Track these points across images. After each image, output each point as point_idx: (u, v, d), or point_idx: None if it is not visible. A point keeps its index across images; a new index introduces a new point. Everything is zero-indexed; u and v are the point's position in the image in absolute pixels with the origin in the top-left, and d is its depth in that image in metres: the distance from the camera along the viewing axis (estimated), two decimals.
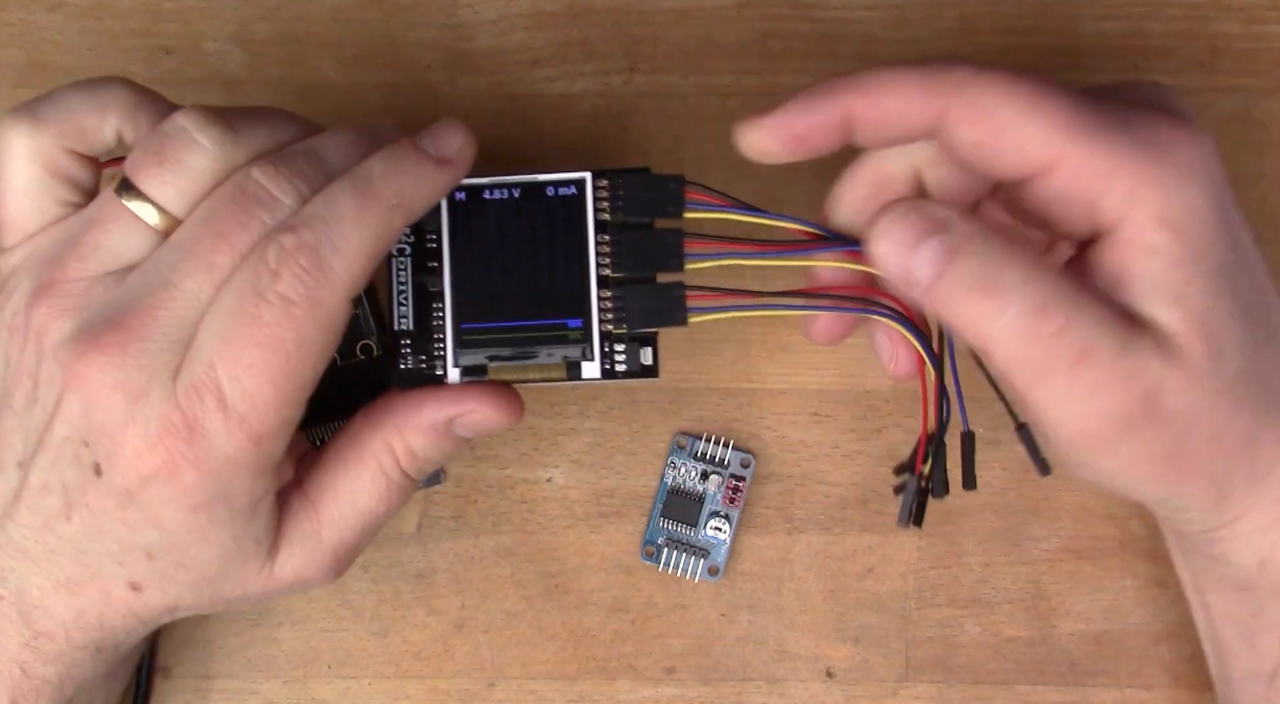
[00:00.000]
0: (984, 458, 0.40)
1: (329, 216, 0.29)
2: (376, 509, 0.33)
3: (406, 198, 0.30)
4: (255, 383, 0.29)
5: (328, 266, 0.29)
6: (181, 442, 0.29)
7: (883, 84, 0.30)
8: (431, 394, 0.33)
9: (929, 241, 0.29)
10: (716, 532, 0.40)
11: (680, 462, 0.40)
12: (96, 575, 0.31)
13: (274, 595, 0.33)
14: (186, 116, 0.30)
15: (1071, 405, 0.29)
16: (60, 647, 0.32)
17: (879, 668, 0.40)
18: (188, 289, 0.29)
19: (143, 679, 0.39)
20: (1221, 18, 0.40)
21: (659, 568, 0.40)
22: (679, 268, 0.32)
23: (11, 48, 0.41)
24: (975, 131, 0.29)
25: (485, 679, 0.40)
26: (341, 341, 0.37)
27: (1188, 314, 0.29)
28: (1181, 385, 0.29)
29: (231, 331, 0.29)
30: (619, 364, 0.33)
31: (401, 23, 0.41)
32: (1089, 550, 0.40)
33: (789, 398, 0.40)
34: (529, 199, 0.33)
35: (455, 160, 0.31)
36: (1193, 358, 0.29)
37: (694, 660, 0.40)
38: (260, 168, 0.30)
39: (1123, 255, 0.29)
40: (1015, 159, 0.30)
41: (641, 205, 0.32)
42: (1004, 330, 0.29)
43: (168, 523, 0.30)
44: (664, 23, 0.41)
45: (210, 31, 0.41)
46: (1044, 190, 0.30)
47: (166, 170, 0.30)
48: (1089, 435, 0.30)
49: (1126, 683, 0.40)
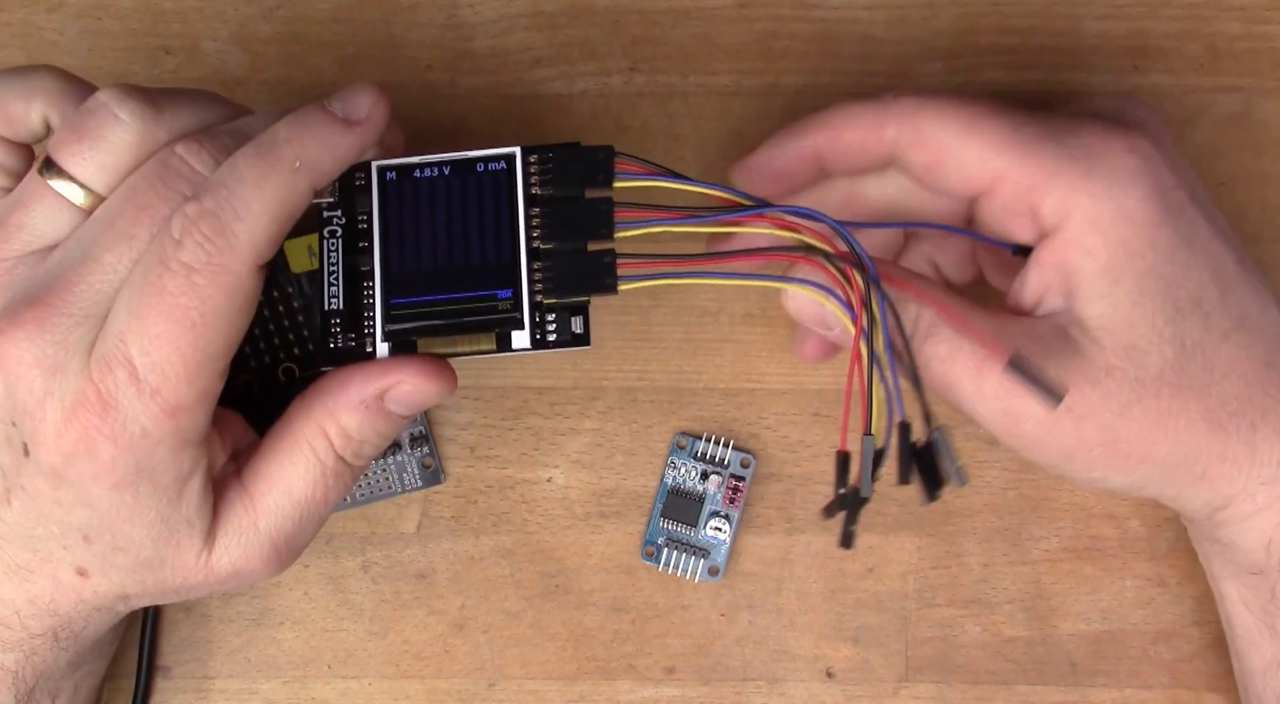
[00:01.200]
0: (984, 458, 0.40)
1: (230, 182, 0.29)
2: (313, 496, 0.32)
3: (311, 159, 0.30)
4: (163, 354, 0.28)
5: (230, 232, 0.28)
6: (95, 415, 0.29)
7: (842, 119, 0.34)
8: (359, 370, 0.32)
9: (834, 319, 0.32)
10: (717, 532, 0.40)
11: (680, 461, 0.40)
12: (45, 561, 0.31)
13: (219, 587, 0.33)
14: (108, 93, 0.30)
15: (986, 411, 0.32)
16: (17, 635, 0.32)
17: (879, 668, 0.40)
18: (106, 263, 0.29)
19: (142, 679, 0.39)
20: (1221, 18, 0.40)
21: (659, 568, 0.40)
22: (609, 236, 0.32)
23: (11, 48, 0.41)
24: (922, 155, 0.33)
25: (485, 679, 0.40)
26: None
27: (1108, 312, 0.31)
28: (1091, 378, 0.31)
29: (138, 303, 0.28)
30: (549, 333, 0.32)
31: (401, 23, 0.41)
32: (1089, 550, 0.40)
33: (789, 398, 0.40)
34: (459, 175, 0.32)
35: (365, 120, 0.31)
36: (1106, 353, 0.31)
37: (694, 660, 0.40)
38: (184, 143, 0.30)
39: (1061, 258, 0.32)
40: (960, 177, 0.33)
41: (571, 177, 0.32)
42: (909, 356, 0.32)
43: (96, 502, 0.30)
44: (664, 23, 0.41)
45: (210, 31, 0.41)
46: (993, 204, 0.33)
47: (87, 146, 0.30)
48: (1014, 434, 0.32)
49: (1126, 683, 0.40)
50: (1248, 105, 0.40)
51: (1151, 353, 0.31)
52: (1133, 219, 0.31)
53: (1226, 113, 0.40)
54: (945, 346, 0.31)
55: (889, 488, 0.40)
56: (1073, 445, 0.32)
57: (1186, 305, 0.32)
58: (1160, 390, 0.31)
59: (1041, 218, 0.32)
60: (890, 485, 0.40)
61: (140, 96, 0.30)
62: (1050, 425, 0.31)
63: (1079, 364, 0.31)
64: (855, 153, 0.34)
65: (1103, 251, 0.31)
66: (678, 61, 0.41)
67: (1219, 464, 0.32)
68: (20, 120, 0.31)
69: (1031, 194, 0.32)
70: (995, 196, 0.33)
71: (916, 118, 0.33)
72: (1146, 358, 0.31)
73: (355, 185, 0.33)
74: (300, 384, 0.37)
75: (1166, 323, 0.31)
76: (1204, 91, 0.40)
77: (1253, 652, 0.36)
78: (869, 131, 0.33)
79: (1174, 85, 0.41)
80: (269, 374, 0.37)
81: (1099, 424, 0.31)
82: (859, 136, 0.33)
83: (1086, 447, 0.32)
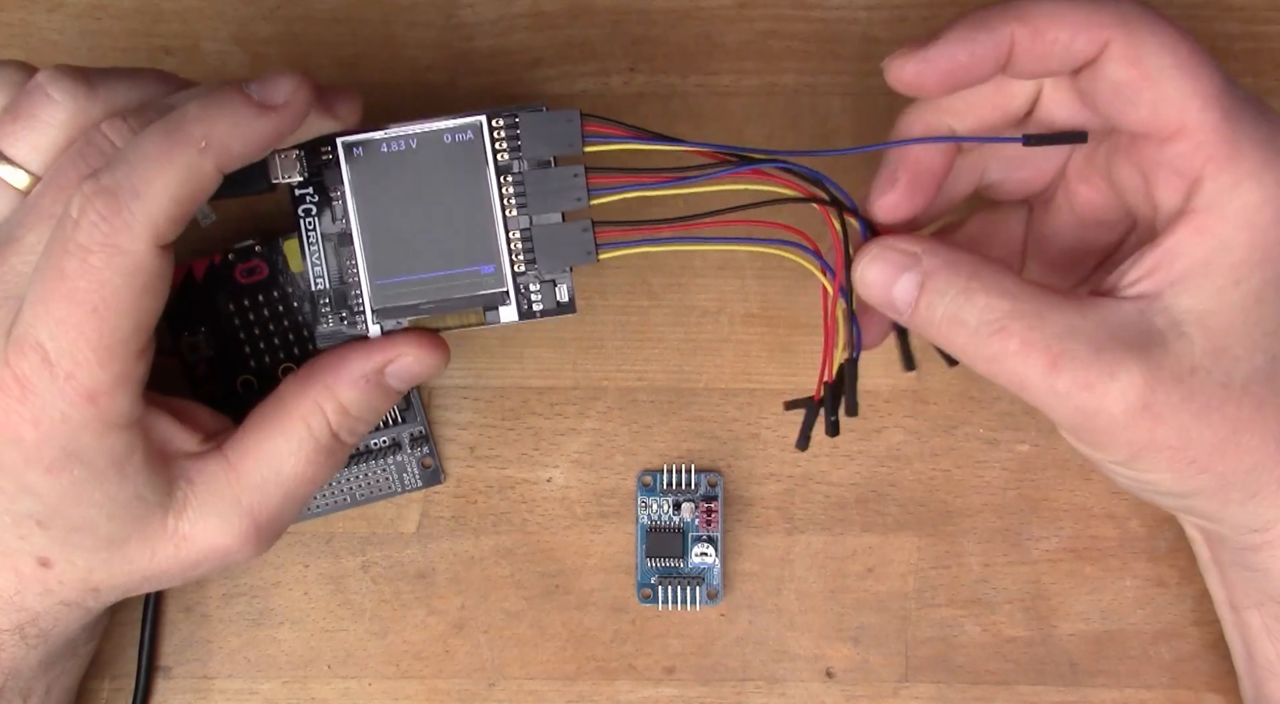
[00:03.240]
0: (984, 458, 0.40)
1: (132, 159, 0.28)
2: (303, 474, 0.32)
3: (218, 139, 0.28)
4: (70, 339, 0.28)
5: (127, 210, 0.28)
6: (14, 400, 0.28)
7: (1048, 13, 0.30)
8: (357, 346, 0.32)
9: (901, 279, 0.31)
10: (704, 557, 0.40)
11: (650, 499, 0.40)
12: (3, 553, 0.31)
13: (194, 569, 0.32)
14: (44, 74, 0.30)
15: (1059, 407, 0.30)
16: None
17: (879, 668, 0.40)
18: (28, 243, 0.29)
19: (142, 679, 0.39)
20: (1221, 18, 0.40)
21: (659, 607, 0.40)
22: (584, 204, 0.32)
23: (11, 48, 0.41)
24: (1126, 72, 0.29)
25: (485, 679, 0.40)
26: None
27: (1215, 310, 0.29)
28: (1176, 374, 0.29)
29: (41, 286, 0.28)
30: (535, 304, 0.33)
31: (401, 23, 0.41)
32: (1089, 550, 0.40)
33: (789, 398, 0.40)
34: (427, 148, 0.32)
35: (283, 106, 0.29)
36: (1195, 351, 0.29)
37: (694, 660, 0.40)
38: (109, 121, 0.29)
39: (1195, 242, 0.29)
40: (1149, 111, 0.29)
41: (540, 143, 0.32)
42: (968, 351, 0.30)
43: (35, 487, 0.29)
44: (664, 23, 0.41)
45: (210, 31, 0.41)
46: (1158, 154, 0.30)
47: (20, 126, 0.30)
48: (1087, 431, 0.30)
49: (1126, 683, 0.40)
50: None
51: (1243, 360, 0.30)
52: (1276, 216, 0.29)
53: None
54: (1016, 342, 0.29)
55: (889, 489, 0.40)
56: (1144, 445, 0.30)
57: None
58: (1243, 400, 0.30)
59: (1200, 191, 0.29)
60: (890, 486, 0.40)
61: (74, 75, 0.30)
62: (1126, 423, 0.29)
63: (1163, 358, 0.29)
64: (1055, 53, 0.30)
65: (1241, 249, 0.29)
66: (678, 61, 0.41)
67: (1273, 487, 0.31)
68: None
69: (1209, 163, 0.29)
70: (1168, 146, 0.30)
71: (1138, 28, 0.29)
72: (1236, 365, 0.29)
73: (323, 161, 0.32)
74: None
75: (1265, 335, 0.30)
76: None
77: (1272, 682, 0.35)
78: (1081, 31, 0.29)
79: None
80: (269, 374, 0.37)
81: (1175, 426, 0.29)
82: (1067, 35, 0.29)
83: (1156, 448, 0.30)
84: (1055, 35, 0.30)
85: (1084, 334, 0.29)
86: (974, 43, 0.30)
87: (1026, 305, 0.30)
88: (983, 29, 0.30)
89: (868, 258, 0.31)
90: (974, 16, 0.30)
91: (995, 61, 0.30)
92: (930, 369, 0.40)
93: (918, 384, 0.40)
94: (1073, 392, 0.29)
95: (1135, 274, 0.30)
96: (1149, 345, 0.29)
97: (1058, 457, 0.40)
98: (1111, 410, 0.29)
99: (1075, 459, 0.40)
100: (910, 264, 0.31)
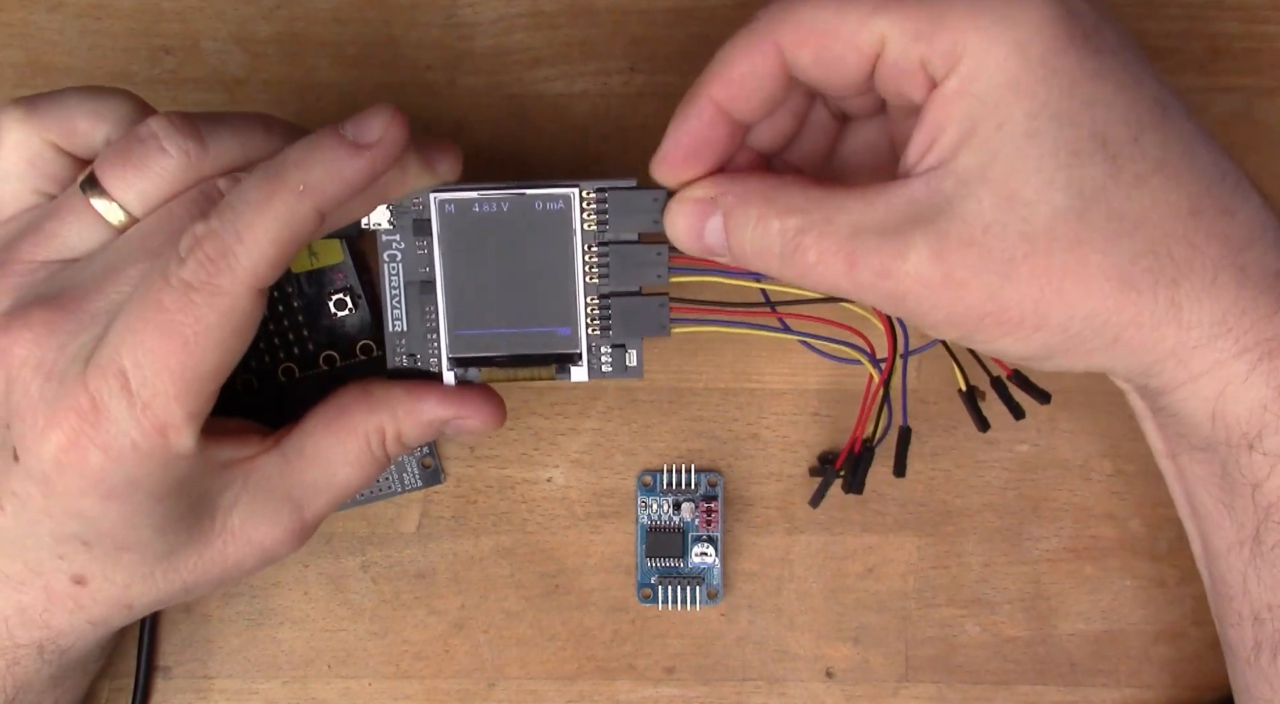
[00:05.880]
0: (984, 458, 0.40)
1: (236, 204, 0.29)
2: (351, 482, 0.33)
3: (315, 183, 0.29)
4: (154, 369, 0.28)
5: (231, 254, 0.28)
6: (87, 423, 0.29)
7: (727, 60, 0.30)
8: (435, 391, 0.34)
9: (708, 225, 0.31)
10: (704, 556, 0.40)
11: (650, 499, 0.40)
12: (37, 572, 0.31)
13: (235, 562, 0.33)
14: (158, 122, 0.30)
15: (871, 296, 0.30)
16: (3, 643, 0.32)
17: (879, 668, 0.40)
18: (128, 276, 0.29)
19: (142, 679, 0.39)
20: (1221, 18, 0.40)
21: (659, 607, 0.40)
22: (664, 282, 0.33)
23: (11, 48, 0.41)
24: (807, 48, 0.29)
25: (485, 679, 0.40)
26: (342, 341, 0.37)
27: (988, 160, 0.28)
28: (965, 238, 0.28)
29: (135, 315, 0.28)
30: (605, 366, 0.34)
31: (401, 23, 0.41)
32: (1089, 550, 0.40)
33: (789, 398, 0.40)
34: (517, 212, 0.33)
35: (375, 144, 0.30)
36: (983, 207, 0.28)
37: (694, 660, 0.40)
38: (226, 180, 0.30)
39: (945, 110, 0.28)
40: (854, 58, 0.29)
41: (627, 219, 0.33)
42: (783, 273, 0.30)
43: (88, 512, 0.30)
44: (664, 23, 0.41)
45: (210, 31, 0.41)
46: (884, 71, 0.29)
47: (131, 172, 0.30)
48: (905, 312, 0.30)
49: (1126, 683, 0.40)
50: (1248, 105, 0.40)
51: (1039, 203, 0.28)
52: (1026, 53, 0.27)
53: (1226, 112, 0.40)
54: (813, 253, 0.29)
55: (889, 489, 0.40)
56: (962, 315, 0.29)
57: (1087, 147, 0.28)
58: (1051, 246, 0.28)
59: (933, 69, 0.28)
60: (890, 487, 0.40)
61: (189, 131, 0.30)
62: (934, 298, 0.29)
63: (949, 224, 0.28)
64: (755, 89, 0.30)
65: (990, 94, 0.28)
66: (678, 61, 0.41)
67: (1134, 329, 0.29)
68: (85, 136, 0.32)
69: (917, 45, 0.28)
70: (886, 62, 0.29)
71: (791, 12, 0.29)
72: (1032, 209, 0.28)
73: (412, 211, 0.33)
74: (300, 384, 0.38)
75: (1059, 168, 0.28)
76: (1204, 91, 0.40)
77: (1215, 534, 0.33)
78: (755, 56, 0.30)
79: (1174, 85, 0.40)
80: (269, 374, 0.37)
81: (982, 289, 0.28)
82: (749, 68, 0.30)
83: (976, 316, 0.29)
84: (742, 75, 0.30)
85: (872, 224, 0.29)
86: (687, 122, 0.31)
87: (816, 214, 0.29)
88: (689, 106, 0.31)
89: (670, 213, 0.32)
90: (682, 100, 0.31)
91: (719, 125, 0.31)
92: (931, 369, 0.40)
93: (918, 384, 0.40)
94: (876, 282, 0.29)
95: (916, 151, 0.29)
96: (936, 216, 0.28)
97: (1058, 457, 0.40)
98: (915, 289, 0.29)
99: (1075, 459, 0.40)
100: (711, 209, 0.31)
